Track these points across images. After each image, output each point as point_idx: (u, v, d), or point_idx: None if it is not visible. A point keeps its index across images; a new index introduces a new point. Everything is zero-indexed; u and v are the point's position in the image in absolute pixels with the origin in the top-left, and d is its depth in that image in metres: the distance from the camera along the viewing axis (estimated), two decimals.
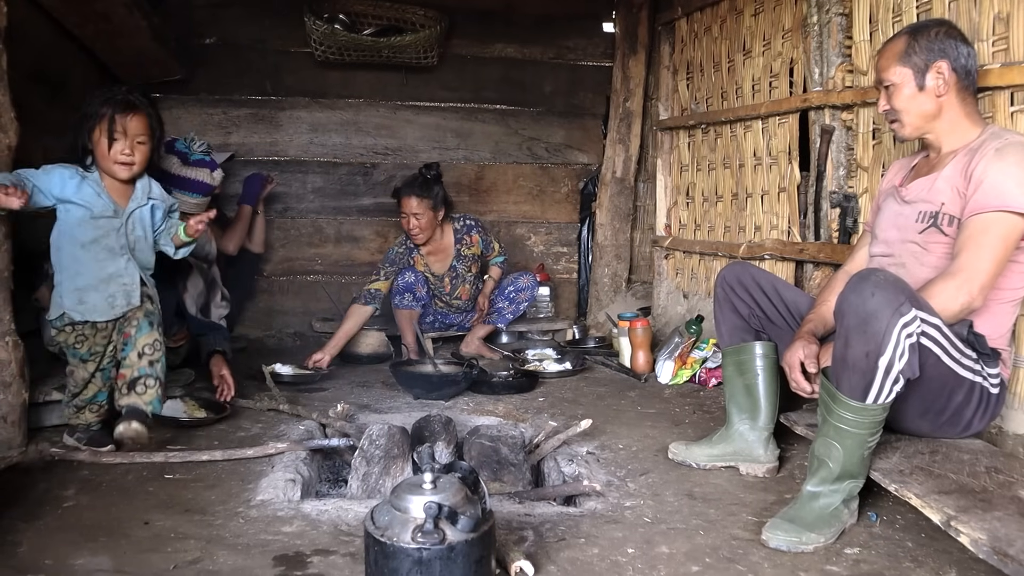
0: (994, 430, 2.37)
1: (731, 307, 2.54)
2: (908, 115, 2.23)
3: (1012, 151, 2.07)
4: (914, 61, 2.18)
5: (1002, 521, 1.69)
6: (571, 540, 1.94)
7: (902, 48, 2.20)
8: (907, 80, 2.20)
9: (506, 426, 2.74)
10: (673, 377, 3.66)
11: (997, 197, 2.03)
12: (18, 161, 2.48)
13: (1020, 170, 2.03)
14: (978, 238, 2.04)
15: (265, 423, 2.97)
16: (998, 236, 2.03)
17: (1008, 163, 2.05)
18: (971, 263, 2.02)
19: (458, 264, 4.34)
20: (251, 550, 1.87)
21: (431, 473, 1.60)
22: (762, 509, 2.16)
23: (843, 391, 1.93)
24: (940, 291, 2.01)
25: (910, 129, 2.25)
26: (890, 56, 2.23)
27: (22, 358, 2.48)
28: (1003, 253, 2.04)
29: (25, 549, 1.86)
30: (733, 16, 4.05)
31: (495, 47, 5.24)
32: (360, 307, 4.08)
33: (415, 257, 4.28)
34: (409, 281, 4.16)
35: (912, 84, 2.19)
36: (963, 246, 2.06)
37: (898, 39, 2.24)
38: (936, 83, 2.17)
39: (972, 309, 2.04)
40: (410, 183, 4.16)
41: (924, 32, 2.20)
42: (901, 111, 2.23)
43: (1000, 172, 2.04)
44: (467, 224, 4.36)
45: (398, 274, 4.19)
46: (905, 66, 2.19)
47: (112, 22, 3.54)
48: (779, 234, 3.68)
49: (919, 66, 2.18)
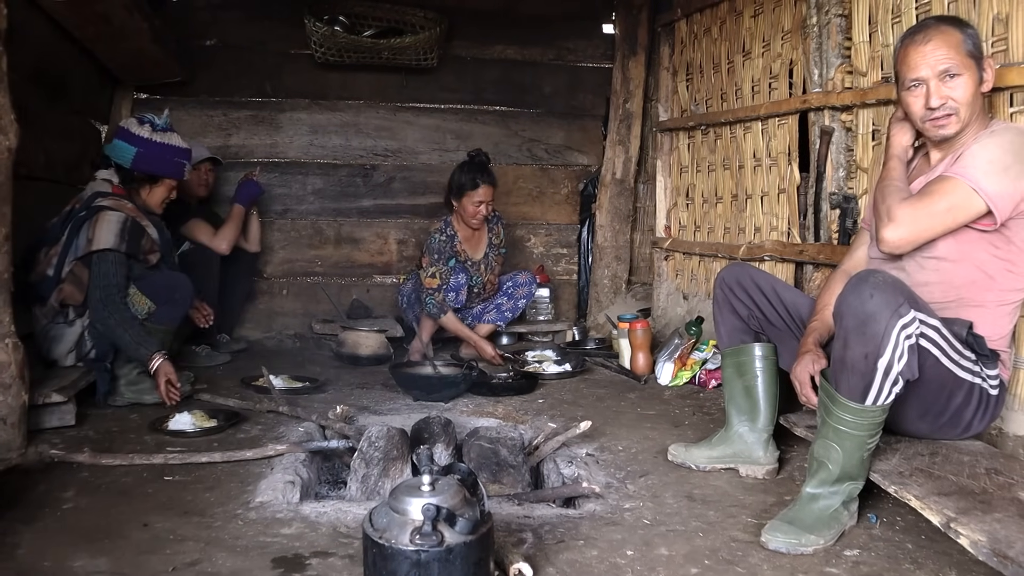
0: (994, 431, 2.37)
1: (730, 308, 2.54)
2: (967, 108, 2.11)
3: (1001, 132, 2.08)
4: (973, 54, 2.10)
5: (1002, 523, 1.69)
6: (570, 542, 1.94)
7: (960, 39, 2.09)
8: (973, 72, 2.09)
9: (505, 428, 2.73)
10: (673, 378, 3.66)
11: (962, 167, 2.04)
12: (18, 163, 2.48)
13: (999, 151, 2.03)
14: (929, 194, 2.08)
15: (264, 425, 2.96)
16: (947, 201, 2.05)
17: (990, 140, 2.06)
18: (911, 209, 2.08)
19: (490, 252, 4.48)
20: (250, 552, 1.87)
21: (430, 475, 1.59)
22: (761, 511, 2.16)
23: (842, 393, 1.93)
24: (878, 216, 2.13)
25: (961, 125, 2.12)
26: (953, 44, 2.08)
27: (22, 360, 2.48)
28: (945, 218, 2.06)
29: (24, 551, 1.86)
30: (732, 17, 4.05)
31: (495, 48, 5.24)
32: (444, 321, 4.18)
33: (456, 245, 4.35)
34: (461, 282, 4.24)
35: (977, 77, 2.11)
36: (917, 196, 2.11)
37: (949, 30, 2.11)
38: (988, 77, 2.13)
39: (889, 250, 2.14)
40: (482, 170, 4.24)
41: (966, 25, 2.15)
42: (962, 104, 2.10)
43: (980, 146, 2.05)
44: (496, 216, 4.53)
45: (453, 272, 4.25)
46: (970, 58, 2.09)
47: (113, 24, 3.54)
48: (779, 235, 3.68)
49: (977, 58, 2.11)
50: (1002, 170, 2.01)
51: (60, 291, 3.14)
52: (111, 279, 3.12)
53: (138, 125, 3.37)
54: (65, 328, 3.14)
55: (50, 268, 3.14)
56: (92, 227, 3.14)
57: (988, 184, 2.00)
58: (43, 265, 3.15)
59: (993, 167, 2.01)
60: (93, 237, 3.12)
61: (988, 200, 2.01)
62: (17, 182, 2.48)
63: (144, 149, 3.33)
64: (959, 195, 2.03)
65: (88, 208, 3.20)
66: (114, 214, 3.19)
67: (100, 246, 3.11)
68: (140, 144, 3.33)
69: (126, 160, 3.33)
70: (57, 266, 3.13)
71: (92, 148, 4.30)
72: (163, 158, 3.40)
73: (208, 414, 2.98)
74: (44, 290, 3.14)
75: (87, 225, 3.15)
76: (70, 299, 3.16)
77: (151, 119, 3.41)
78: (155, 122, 3.41)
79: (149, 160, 3.35)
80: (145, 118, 3.41)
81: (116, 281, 3.14)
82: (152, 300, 3.25)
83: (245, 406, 3.17)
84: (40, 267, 3.15)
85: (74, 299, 3.16)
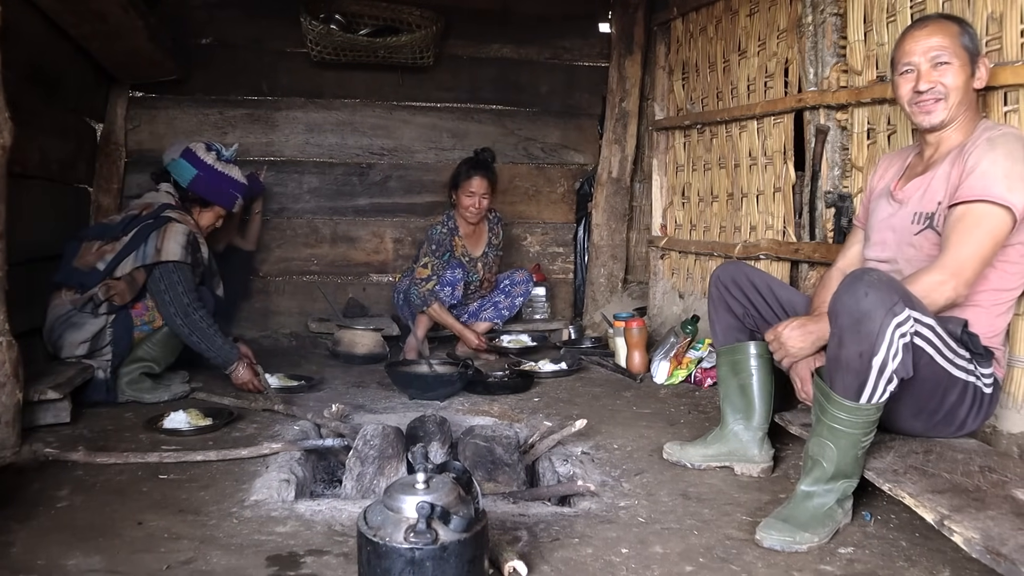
0: (988, 429, 2.38)
1: (725, 307, 2.54)
2: (954, 95, 2.17)
3: (1003, 141, 2.07)
4: (969, 48, 2.18)
5: (995, 520, 1.69)
6: (565, 540, 1.94)
7: (957, 31, 2.18)
8: (965, 62, 2.17)
9: (501, 426, 2.74)
10: (669, 377, 3.66)
11: (983, 188, 2.03)
12: (13, 161, 2.47)
13: (1009, 161, 2.04)
14: (964, 233, 2.04)
15: (260, 423, 2.96)
16: (985, 231, 2.03)
17: (997, 154, 2.05)
18: (956, 258, 2.03)
19: (489, 251, 4.52)
20: (244, 550, 1.87)
21: (425, 473, 1.59)
22: (756, 509, 2.16)
23: (837, 391, 1.93)
24: (925, 284, 2.02)
25: (948, 113, 2.19)
26: (949, 34, 2.17)
27: (16, 358, 2.47)
28: (989, 248, 2.04)
29: (18, 549, 1.86)
30: (728, 16, 4.05)
31: (491, 47, 5.24)
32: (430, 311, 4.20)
33: (455, 239, 4.38)
34: (457, 276, 4.27)
35: (969, 67, 2.18)
36: (949, 239, 2.06)
37: (947, 23, 2.21)
38: (980, 74, 2.19)
39: (956, 303, 2.05)
40: (477, 164, 4.36)
41: (967, 24, 2.21)
42: (951, 89, 2.16)
43: (989, 162, 2.05)
44: (497, 217, 4.64)
45: (448, 266, 4.27)
46: (964, 49, 2.17)
47: (108, 22, 3.52)
48: (774, 234, 3.68)
49: (972, 53, 2.18)
50: (1017, 179, 2.03)
51: (109, 286, 3.20)
52: (181, 295, 3.26)
53: (205, 151, 3.57)
54: (89, 318, 3.19)
55: (101, 262, 3.23)
56: (160, 237, 3.25)
57: (1015, 197, 2.01)
58: (93, 257, 3.25)
59: (1011, 180, 2.02)
60: (162, 248, 3.24)
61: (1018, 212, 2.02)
62: (11, 180, 2.48)
63: (205, 174, 3.53)
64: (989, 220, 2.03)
65: (157, 218, 3.31)
66: (181, 226, 3.33)
67: (168, 258, 3.24)
68: (202, 168, 3.53)
69: (184, 179, 3.51)
70: (111, 263, 3.22)
71: (87, 147, 4.30)
72: (220, 188, 3.59)
73: (203, 412, 2.98)
74: (88, 280, 3.20)
75: (155, 234, 3.26)
76: (118, 297, 3.22)
77: (219, 148, 3.62)
78: (221, 152, 3.61)
79: (207, 186, 3.54)
80: (213, 146, 3.62)
81: (187, 295, 3.27)
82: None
83: (240, 404, 3.17)
84: (89, 258, 3.25)
85: (122, 298, 3.24)
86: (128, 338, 3.25)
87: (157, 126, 4.72)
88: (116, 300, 3.21)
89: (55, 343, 3.19)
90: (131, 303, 3.27)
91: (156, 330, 3.33)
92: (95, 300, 3.19)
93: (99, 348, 3.20)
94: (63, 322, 3.18)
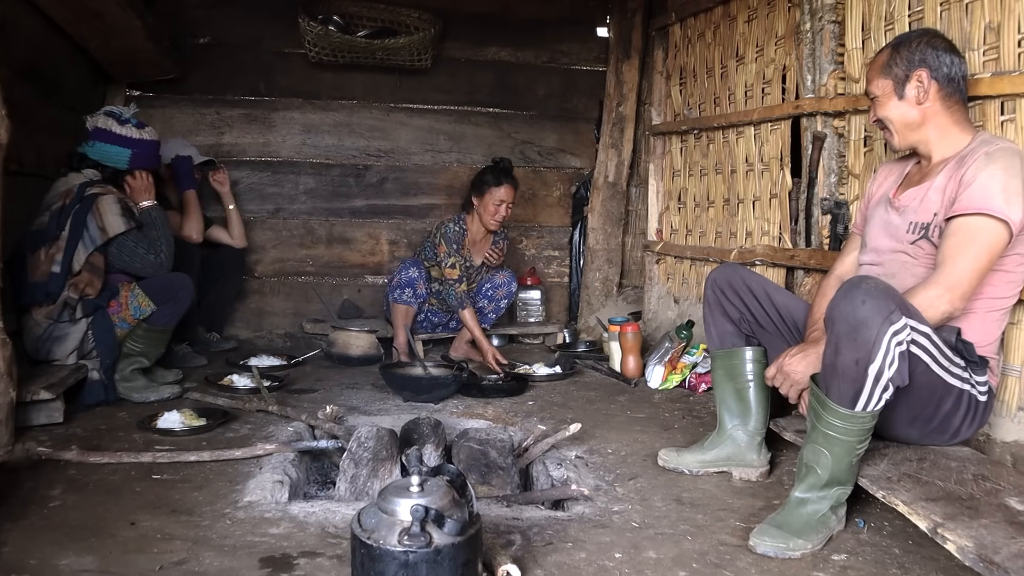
0: (982, 438, 2.38)
1: (721, 311, 2.54)
2: (897, 123, 2.27)
3: (1001, 156, 2.08)
4: (895, 72, 2.24)
5: (988, 528, 1.70)
6: (559, 544, 1.94)
7: (885, 60, 2.27)
8: (888, 91, 2.26)
9: (495, 429, 2.73)
10: (663, 382, 3.67)
11: (982, 200, 2.04)
12: (9, 159, 2.47)
13: (1007, 176, 2.04)
14: (961, 247, 2.05)
15: (254, 424, 2.96)
16: (981, 246, 2.03)
17: (996, 168, 2.06)
18: (953, 271, 2.03)
19: (483, 265, 4.53)
20: (237, 551, 1.86)
21: (419, 476, 1.59)
22: (750, 515, 2.16)
23: (832, 398, 1.94)
24: (922, 298, 2.02)
25: (899, 138, 2.29)
26: (875, 68, 2.29)
27: (9, 356, 2.46)
28: (986, 262, 2.05)
29: (10, 549, 1.85)
30: (727, 22, 4.06)
31: (489, 50, 5.24)
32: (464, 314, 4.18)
33: (464, 241, 4.38)
34: (412, 276, 4.24)
35: (893, 94, 2.25)
36: (946, 253, 2.07)
37: (883, 52, 2.31)
38: (916, 92, 2.21)
39: (953, 317, 2.06)
40: (505, 172, 4.34)
41: (906, 43, 2.25)
42: (890, 120, 2.28)
43: (987, 176, 2.05)
44: (504, 234, 4.64)
45: (402, 268, 4.27)
46: (887, 77, 2.25)
47: (106, 20, 3.52)
48: (770, 240, 3.69)
49: (899, 77, 2.23)
50: (1015, 194, 2.03)
51: (75, 285, 3.14)
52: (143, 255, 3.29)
53: (119, 125, 3.40)
54: (69, 327, 3.13)
55: (55, 266, 3.11)
56: (97, 215, 3.18)
57: (1012, 211, 2.02)
58: (45, 264, 3.12)
59: (1008, 193, 2.03)
60: (104, 225, 3.18)
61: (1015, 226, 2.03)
62: (8, 178, 2.47)
63: (139, 149, 3.44)
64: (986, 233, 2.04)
65: (82, 199, 3.19)
66: (108, 197, 3.24)
67: (115, 231, 3.20)
68: (133, 145, 3.41)
69: (121, 162, 3.39)
70: (64, 262, 3.12)
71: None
72: (153, 154, 3.53)
73: (197, 413, 2.97)
74: (51, 288, 3.10)
75: (91, 216, 3.17)
76: (89, 288, 3.17)
77: (128, 118, 3.45)
78: (132, 120, 3.46)
79: (145, 159, 3.47)
80: (122, 117, 3.44)
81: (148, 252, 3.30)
82: (153, 300, 3.27)
83: (234, 405, 3.16)
84: (42, 267, 3.12)
85: (93, 287, 3.19)
86: (111, 336, 3.19)
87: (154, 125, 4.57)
88: (89, 292, 3.16)
89: (44, 361, 3.12)
90: (105, 300, 3.20)
91: (135, 325, 3.26)
92: (69, 303, 3.12)
93: (87, 354, 3.17)
94: (45, 340, 3.11)
